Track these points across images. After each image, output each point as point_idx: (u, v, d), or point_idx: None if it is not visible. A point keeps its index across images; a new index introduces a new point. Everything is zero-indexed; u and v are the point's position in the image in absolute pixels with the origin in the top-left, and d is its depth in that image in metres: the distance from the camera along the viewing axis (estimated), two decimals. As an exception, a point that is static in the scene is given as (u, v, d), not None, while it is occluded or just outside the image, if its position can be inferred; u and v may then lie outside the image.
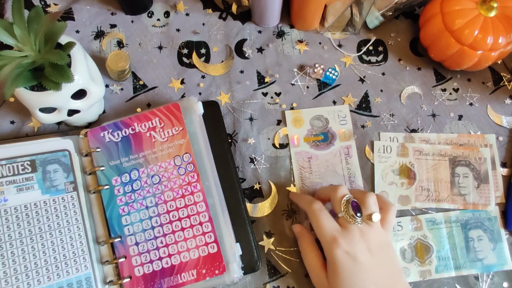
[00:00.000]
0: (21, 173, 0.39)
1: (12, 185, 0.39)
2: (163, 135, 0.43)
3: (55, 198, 0.40)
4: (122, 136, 0.43)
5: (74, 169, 0.41)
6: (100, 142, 0.43)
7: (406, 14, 0.55)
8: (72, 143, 0.42)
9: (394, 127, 0.49)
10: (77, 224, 0.40)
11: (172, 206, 0.42)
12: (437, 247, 0.45)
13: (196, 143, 0.43)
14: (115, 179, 0.42)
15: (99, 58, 0.50)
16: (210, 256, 0.40)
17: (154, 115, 0.43)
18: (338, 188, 0.40)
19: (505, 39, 0.45)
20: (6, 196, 0.39)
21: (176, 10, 0.53)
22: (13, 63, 0.34)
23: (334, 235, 0.37)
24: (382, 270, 0.37)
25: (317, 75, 0.50)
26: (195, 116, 0.44)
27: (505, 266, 0.45)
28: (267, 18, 0.51)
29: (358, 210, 0.38)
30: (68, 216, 0.40)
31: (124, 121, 0.43)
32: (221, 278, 0.40)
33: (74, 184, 0.41)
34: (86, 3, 0.52)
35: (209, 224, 0.41)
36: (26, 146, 0.40)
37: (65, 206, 0.40)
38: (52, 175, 0.40)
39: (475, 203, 0.46)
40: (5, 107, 0.47)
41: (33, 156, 0.40)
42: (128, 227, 0.41)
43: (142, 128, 0.43)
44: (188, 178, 0.42)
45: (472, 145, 0.49)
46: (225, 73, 0.50)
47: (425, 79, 0.52)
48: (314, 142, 0.48)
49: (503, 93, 0.52)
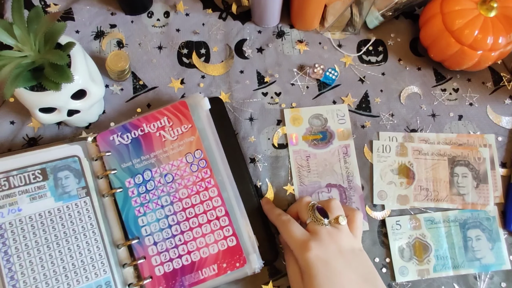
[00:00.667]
0: (33, 182, 0.40)
1: (25, 195, 0.39)
2: (173, 133, 0.43)
3: (69, 204, 0.40)
4: (132, 138, 0.43)
5: (85, 174, 0.41)
6: (110, 146, 0.43)
7: (406, 14, 0.55)
8: (80, 148, 0.42)
9: (394, 127, 0.49)
10: (92, 229, 0.40)
11: (187, 203, 0.42)
12: (436, 246, 0.45)
13: (206, 138, 0.43)
14: (128, 181, 0.42)
15: (99, 58, 0.50)
16: (230, 249, 0.40)
17: (162, 114, 0.44)
18: (302, 197, 0.41)
19: (505, 39, 0.45)
20: (20, 206, 0.39)
21: (176, 10, 0.53)
22: (13, 63, 0.34)
23: (304, 239, 0.37)
24: (356, 275, 0.35)
25: (317, 75, 0.50)
26: (203, 112, 0.44)
27: (503, 266, 0.45)
28: (267, 18, 0.51)
29: (324, 215, 0.38)
30: (83, 222, 0.40)
31: (132, 123, 0.43)
32: (242, 270, 0.40)
33: (86, 189, 0.41)
34: (86, 3, 0.52)
35: (226, 218, 0.41)
36: (36, 155, 0.40)
37: (79, 212, 0.40)
38: (64, 181, 0.40)
39: (473, 203, 0.46)
40: (5, 107, 0.47)
41: (43, 164, 0.40)
42: (145, 227, 0.41)
43: (151, 129, 0.43)
44: (201, 174, 0.42)
45: (471, 145, 0.49)
46: (225, 73, 0.50)
47: (425, 79, 0.52)
48: (313, 141, 0.48)
49: (503, 93, 0.52)
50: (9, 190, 0.39)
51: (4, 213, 0.38)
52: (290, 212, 0.42)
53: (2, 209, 0.38)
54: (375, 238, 0.45)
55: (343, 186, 0.46)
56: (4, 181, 0.39)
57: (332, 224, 0.38)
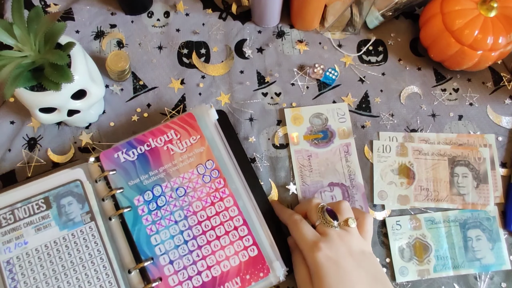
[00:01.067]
0: (37, 212, 0.39)
1: (30, 226, 0.38)
2: (181, 146, 0.42)
3: (74, 232, 0.39)
4: (138, 153, 0.41)
5: (88, 198, 0.40)
6: (115, 164, 0.41)
7: (406, 14, 0.55)
8: (82, 171, 0.40)
9: (394, 127, 0.49)
10: (99, 255, 0.38)
11: (202, 216, 0.40)
12: (436, 246, 0.45)
13: (216, 148, 0.42)
14: (137, 199, 0.40)
15: (99, 58, 0.50)
16: (252, 259, 0.39)
17: (168, 128, 0.42)
18: (311, 199, 0.41)
19: (505, 39, 0.45)
20: (26, 239, 0.38)
21: (176, 10, 0.53)
22: (13, 63, 0.34)
23: (315, 240, 0.37)
24: (366, 275, 0.36)
25: (317, 75, 0.50)
26: (211, 122, 0.43)
27: (503, 266, 0.45)
28: (267, 18, 0.51)
29: (334, 217, 0.38)
30: (89, 249, 0.38)
31: (138, 139, 0.42)
32: (267, 280, 0.38)
33: (90, 214, 0.39)
34: (86, 3, 0.52)
35: (244, 228, 0.40)
36: (38, 184, 0.40)
37: (85, 239, 0.39)
38: (67, 208, 0.39)
39: (474, 203, 0.46)
40: (5, 107, 0.47)
41: (46, 193, 0.39)
42: (159, 246, 0.39)
43: (158, 143, 0.42)
44: (215, 184, 0.41)
45: (471, 145, 0.49)
46: (225, 73, 0.50)
47: (425, 79, 0.52)
48: (314, 140, 0.48)
49: (503, 93, 0.52)
50: (15, 223, 0.38)
51: (11, 247, 0.38)
52: (298, 211, 0.42)
53: (9, 244, 0.38)
54: (375, 238, 0.45)
55: (345, 185, 0.46)
56: (9, 214, 0.38)
57: (342, 226, 0.38)
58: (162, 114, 0.48)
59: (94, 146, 0.46)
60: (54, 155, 0.46)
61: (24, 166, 0.45)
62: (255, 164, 0.47)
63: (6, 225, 0.38)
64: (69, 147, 0.46)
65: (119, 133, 0.47)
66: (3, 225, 0.38)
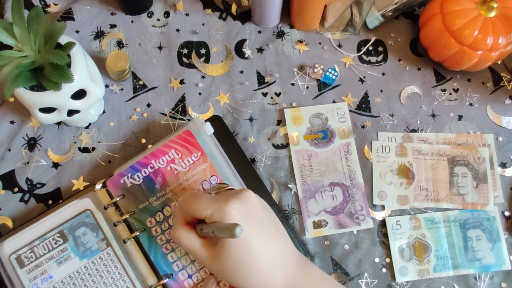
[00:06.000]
0: (55, 247, 0.40)
1: (52, 261, 0.40)
2: (184, 164, 0.42)
3: (93, 259, 0.40)
4: (143, 176, 0.42)
5: (100, 225, 0.41)
6: (123, 189, 0.42)
7: (406, 14, 0.55)
8: (90, 201, 0.41)
9: (394, 127, 0.49)
10: (122, 278, 0.40)
11: None
12: (436, 246, 0.45)
13: (217, 162, 0.43)
14: (149, 221, 0.41)
15: (99, 58, 0.50)
16: None
17: (168, 147, 0.43)
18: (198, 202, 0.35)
19: (505, 39, 0.45)
20: (50, 273, 0.40)
21: (175, 10, 0.53)
22: (13, 63, 0.34)
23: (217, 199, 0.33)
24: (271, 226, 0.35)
25: (317, 75, 0.50)
26: (207, 137, 0.43)
27: (503, 266, 0.45)
28: (267, 18, 0.51)
29: None
30: (111, 273, 0.40)
31: (140, 162, 0.42)
32: None
33: (106, 240, 0.41)
34: (86, 3, 0.52)
35: None
36: (50, 220, 0.41)
37: (105, 264, 0.40)
38: (83, 238, 0.41)
39: (473, 203, 0.46)
40: (5, 107, 0.47)
41: (60, 227, 0.41)
42: (176, 263, 0.40)
43: (161, 164, 0.42)
44: None
45: (470, 144, 0.49)
46: (224, 73, 0.50)
47: (425, 79, 0.52)
48: (314, 140, 0.48)
49: (503, 93, 0.52)
50: (36, 260, 0.40)
51: (38, 283, 0.39)
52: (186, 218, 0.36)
53: (35, 280, 0.39)
54: (375, 238, 0.45)
55: (345, 184, 0.46)
56: (29, 253, 0.40)
57: None
58: (162, 114, 0.48)
59: (94, 146, 0.46)
60: (54, 155, 0.46)
61: (24, 166, 0.45)
62: (255, 164, 0.47)
63: (29, 263, 0.40)
64: (69, 147, 0.46)
65: (119, 133, 0.47)
66: (26, 263, 0.40)
